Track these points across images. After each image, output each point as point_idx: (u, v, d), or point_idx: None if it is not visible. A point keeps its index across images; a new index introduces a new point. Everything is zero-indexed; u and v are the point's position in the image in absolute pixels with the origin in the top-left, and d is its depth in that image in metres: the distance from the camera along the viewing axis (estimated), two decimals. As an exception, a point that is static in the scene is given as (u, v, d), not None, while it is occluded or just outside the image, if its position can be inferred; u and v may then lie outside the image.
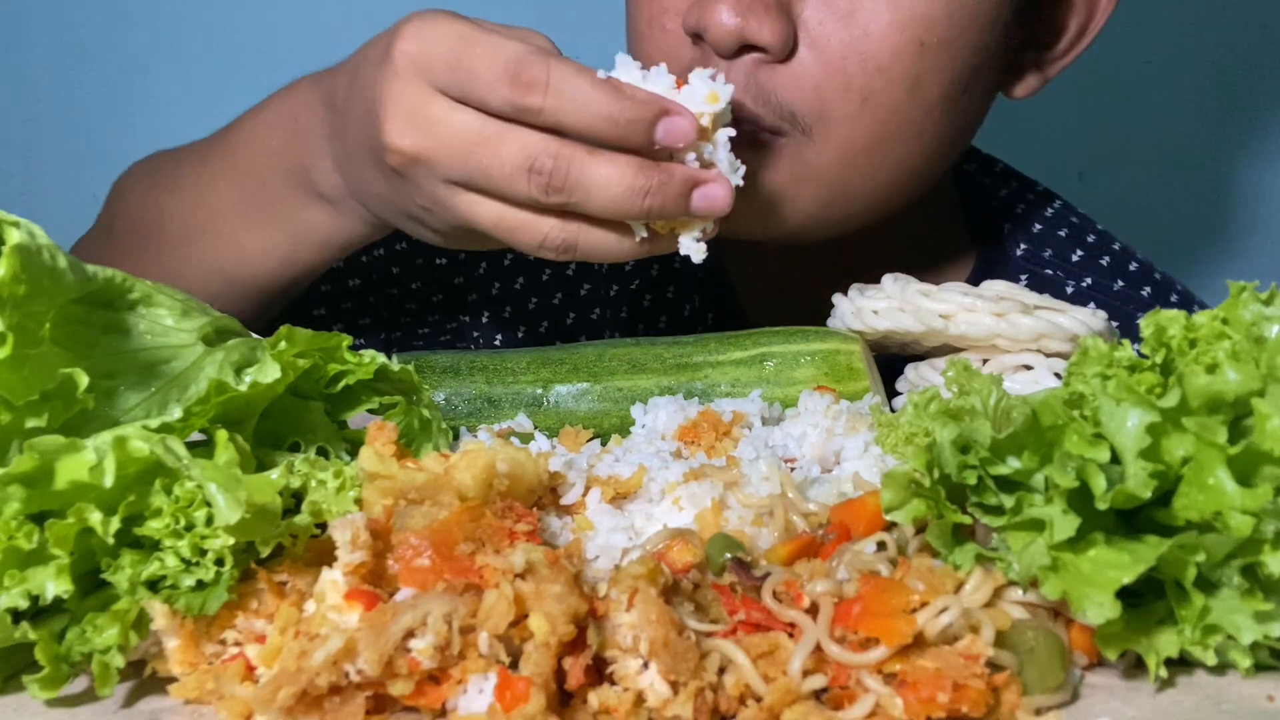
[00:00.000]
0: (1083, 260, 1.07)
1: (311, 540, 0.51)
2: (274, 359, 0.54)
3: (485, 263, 1.12)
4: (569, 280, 1.12)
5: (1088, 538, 0.45)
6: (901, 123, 0.85)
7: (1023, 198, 1.11)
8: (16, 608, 0.46)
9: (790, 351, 0.77)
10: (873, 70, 0.82)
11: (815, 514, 0.56)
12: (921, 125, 0.86)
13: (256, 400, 0.54)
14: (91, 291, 0.52)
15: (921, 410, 0.61)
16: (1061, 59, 0.98)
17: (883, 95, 0.83)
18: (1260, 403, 0.44)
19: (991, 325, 0.74)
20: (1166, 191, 1.65)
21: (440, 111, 0.70)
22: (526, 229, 0.72)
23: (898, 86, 0.83)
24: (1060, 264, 1.06)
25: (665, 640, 0.44)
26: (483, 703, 0.43)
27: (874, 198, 0.90)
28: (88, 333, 0.52)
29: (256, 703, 0.43)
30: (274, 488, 0.49)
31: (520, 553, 0.46)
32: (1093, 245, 1.08)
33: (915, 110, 0.85)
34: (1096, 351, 0.54)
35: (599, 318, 1.11)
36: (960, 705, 0.43)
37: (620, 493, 0.58)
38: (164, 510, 0.47)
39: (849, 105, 0.83)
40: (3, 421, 0.48)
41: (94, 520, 0.46)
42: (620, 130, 0.68)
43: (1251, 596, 0.46)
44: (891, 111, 0.84)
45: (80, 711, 0.47)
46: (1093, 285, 1.04)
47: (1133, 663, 0.48)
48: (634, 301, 1.11)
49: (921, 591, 0.47)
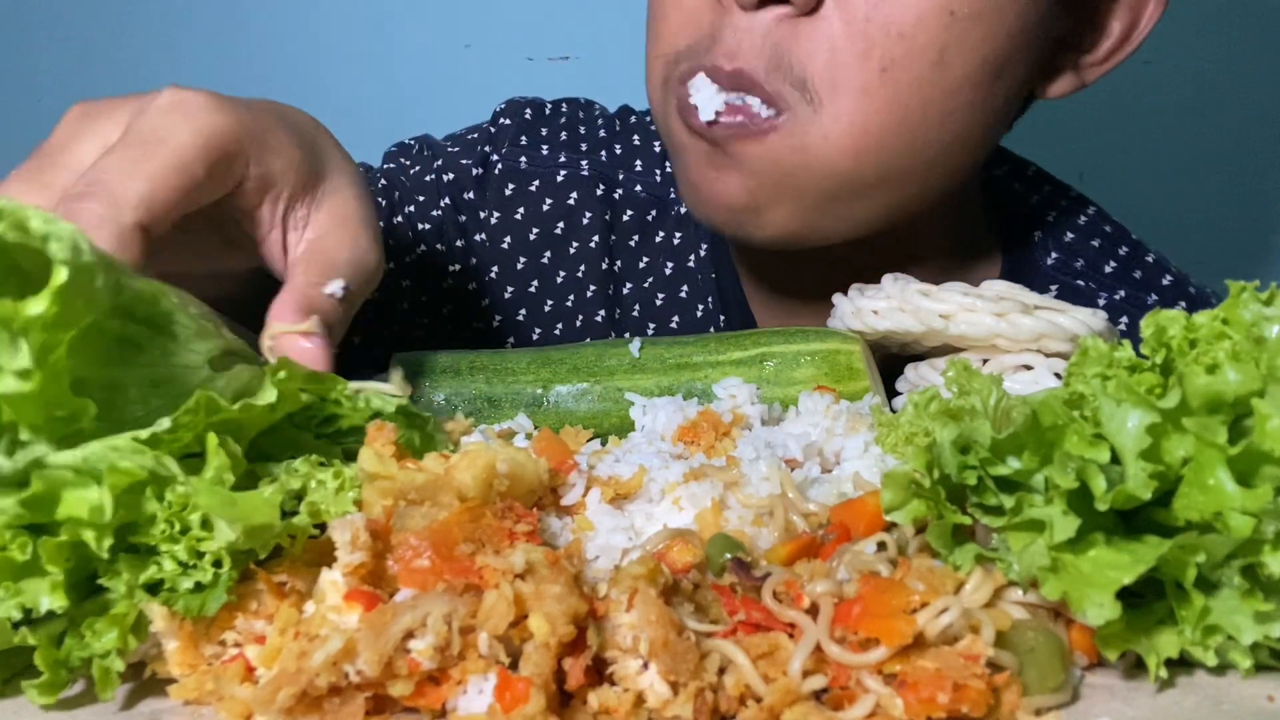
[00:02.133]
0: (1116, 272, 1.02)
1: (311, 541, 0.51)
2: (273, 385, 0.53)
3: (496, 268, 1.12)
4: (578, 281, 1.12)
5: (1088, 538, 0.45)
6: (923, 103, 0.80)
7: (1055, 204, 1.07)
8: (11, 619, 0.46)
9: (790, 351, 0.77)
10: (894, 36, 0.77)
11: (815, 514, 0.56)
12: (945, 110, 0.81)
13: (249, 424, 0.53)
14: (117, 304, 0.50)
15: (921, 410, 0.61)
16: (1102, 64, 0.92)
17: (904, 67, 0.78)
18: (1260, 403, 0.44)
19: (991, 325, 0.74)
20: (1166, 192, 1.65)
21: None
22: None
23: (921, 58, 0.78)
24: (1093, 275, 1.02)
25: (665, 641, 0.44)
26: (483, 703, 0.43)
27: (886, 196, 0.85)
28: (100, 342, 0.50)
29: (256, 703, 0.43)
30: (273, 506, 0.48)
31: (520, 553, 0.46)
32: (1126, 257, 1.03)
33: (939, 90, 0.79)
34: (1096, 352, 0.54)
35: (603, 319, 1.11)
36: (960, 705, 0.43)
37: (620, 493, 0.58)
38: (158, 517, 0.47)
39: (866, 74, 0.78)
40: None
41: (88, 537, 0.46)
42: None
43: (1252, 597, 0.46)
44: (912, 88, 0.79)
45: (80, 713, 0.47)
46: (1126, 298, 1.00)
47: (1133, 663, 0.48)
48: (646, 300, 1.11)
49: (921, 592, 0.47)
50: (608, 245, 1.12)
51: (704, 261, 1.10)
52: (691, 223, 1.11)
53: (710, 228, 0.93)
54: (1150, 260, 1.04)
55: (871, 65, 0.78)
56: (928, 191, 0.89)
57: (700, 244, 1.11)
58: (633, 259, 1.12)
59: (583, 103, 1.18)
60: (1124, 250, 1.04)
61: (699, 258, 1.11)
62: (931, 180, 0.88)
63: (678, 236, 1.12)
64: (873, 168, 0.82)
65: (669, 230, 1.12)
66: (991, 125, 0.89)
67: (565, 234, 1.12)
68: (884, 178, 0.84)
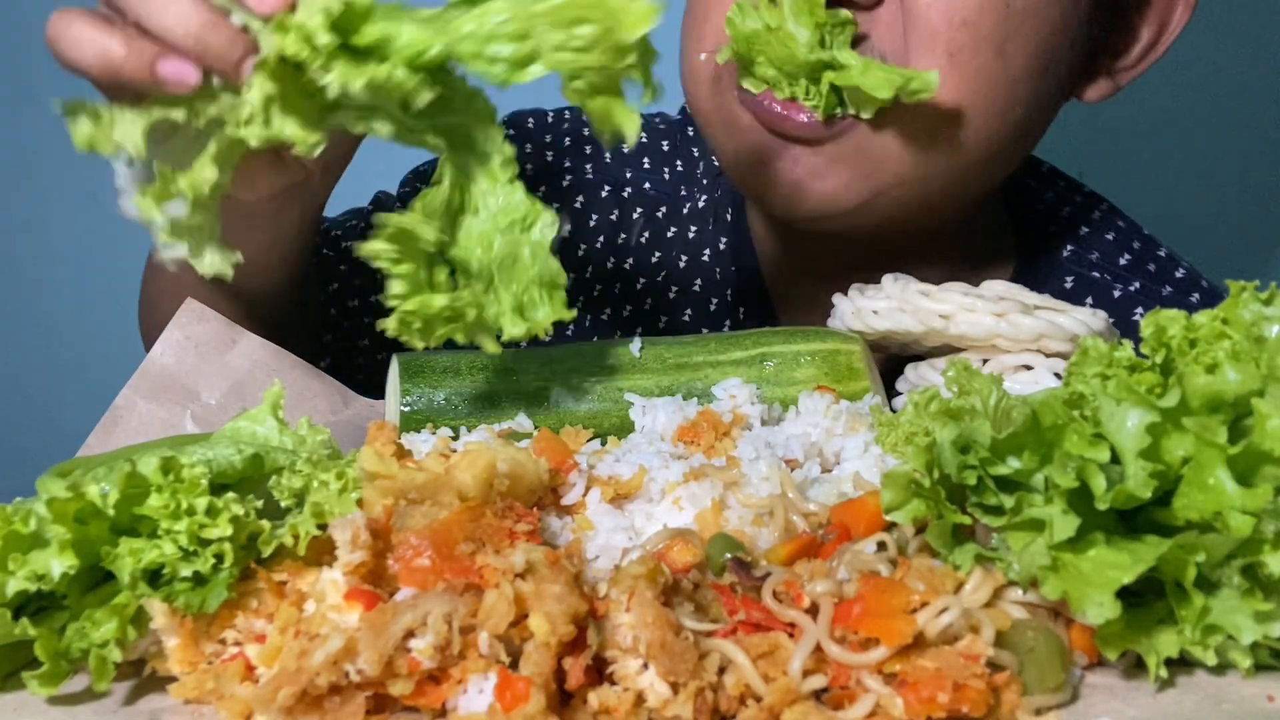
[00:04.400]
0: (1130, 264, 1.05)
1: (312, 540, 0.51)
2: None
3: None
4: (585, 282, 1.12)
5: (1088, 538, 0.45)
6: (988, 92, 0.82)
7: (1070, 200, 1.10)
8: (25, 591, 0.47)
9: (790, 351, 0.76)
10: (958, 24, 0.79)
11: (815, 514, 0.56)
12: (1007, 101, 0.83)
13: None
14: None
15: (921, 410, 0.61)
16: (1133, 68, 0.95)
17: (971, 54, 0.80)
18: (1260, 403, 0.44)
19: (991, 325, 0.74)
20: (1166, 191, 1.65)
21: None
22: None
23: (986, 45, 0.80)
24: (1108, 267, 1.04)
25: (662, 642, 0.44)
26: (483, 703, 0.43)
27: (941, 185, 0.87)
28: None
29: (256, 702, 0.43)
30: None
31: (520, 553, 0.46)
32: (1140, 250, 1.06)
33: (1000, 80, 0.82)
34: (1096, 351, 0.54)
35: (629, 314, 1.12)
36: (960, 705, 0.43)
37: (620, 493, 0.58)
38: (163, 488, 0.48)
39: (936, 59, 0.80)
40: None
41: (93, 494, 0.46)
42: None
43: (1251, 596, 0.46)
44: (979, 75, 0.81)
45: (80, 710, 0.47)
46: (1140, 290, 1.02)
47: (1133, 663, 0.48)
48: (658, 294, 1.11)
49: (921, 592, 0.47)
50: (614, 244, 1.12)
51: (723, 255, 1.11)
52: (707, 218, 1.12)
53: (790, 220, 0.92)
54: (1163, 254, 1.06)
55: (939, 51, 0.80)
56: (985, 180, 0.91)
57: (720, 238, 1.11)
58: (644, 255, 1.12)
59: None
60: (1137, 245, 1.06)
61: (716, 252, 1.11)
62: (990, 170, 0.90)
63: (692, 230, 1.12)
64: (941, 155, 0.84)
65: (681, 225, 1.13)
66: (1041, 123, 0.91)
67: (572, 238, 1.12)
68: (949, 167, 0.85)
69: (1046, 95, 0.88)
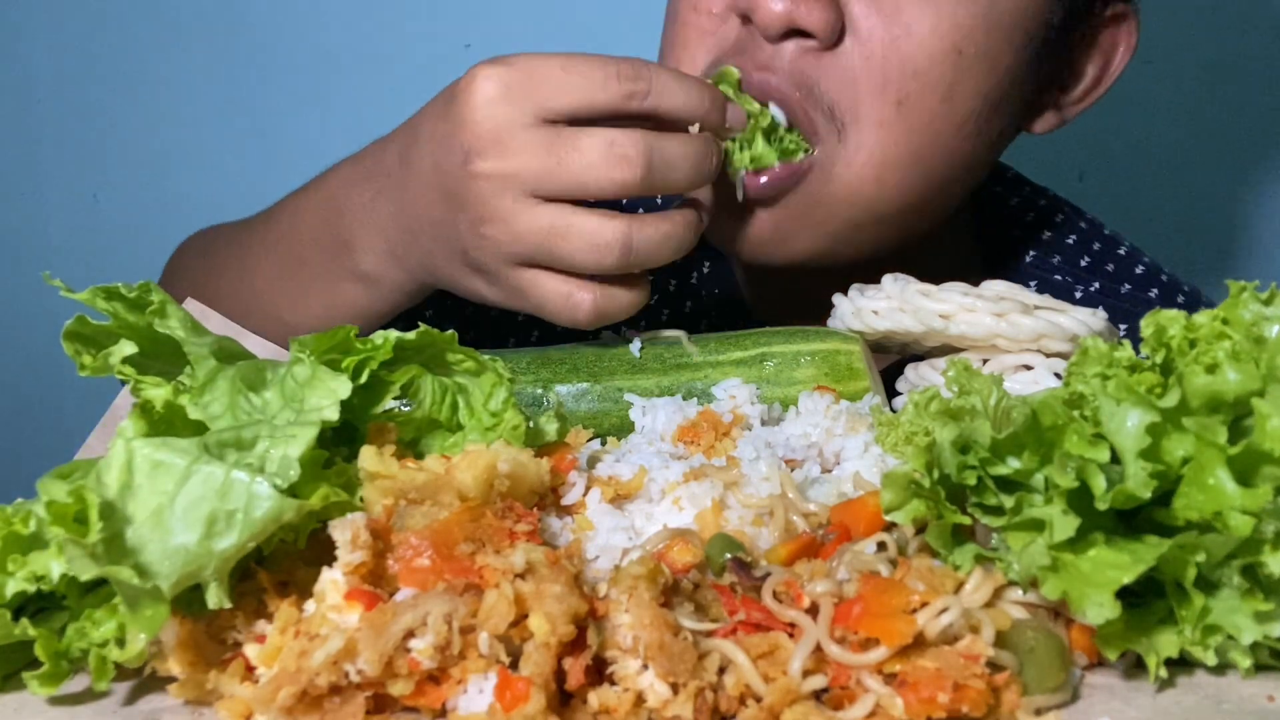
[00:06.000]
0: (1090, 265, 1.07)
1: (311, 540, 0.51)
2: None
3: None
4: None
5: (1088, 538, 0.45)
6: (934, 136, 0.85)
7: (1033, 205, 1.12)
8: (25, 592, 0.47)
9: (790, 351, 0.77)
10: (909, 73, 0.82)
11: (815, 514, 0.56)
12: (953, 142, 0.87)
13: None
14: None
15: (921, 410, 0.61)
16: (1079, 103, 0.99)
17: (917, 101, 0.83)
18: (1260, 403, 0.44)
19: (991, 325, 0.74)
20: (1166, 191, 1.65)
21: (523, 128, 0.72)
22: (585, 227, 0.73)
23: (932, 93, 0.84)
24: (1068, 269, 1.07)
25: (661, 643, 0.44)
26: (483, 703, 0.43)
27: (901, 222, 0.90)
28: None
29: (256, 703, 0.43)
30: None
31: (520, 553, 0.46)
32: (1100, 251, 1.09)
33: (947, 124, 0.85)
34: (1096, 351, 0.54)
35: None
36: (960, 705, 0.43)
37: (620, 493, 0.58)
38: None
39: (884, 108, 0.83)
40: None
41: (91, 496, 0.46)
42: (705, 112, 0.76)
43: (1251, 596, 0.46)
44: (925, 121, 0.84)
45: (80, 711, 0.47)
46: (1100, 289, 1.05)
47: (1133, 663, 0.48)
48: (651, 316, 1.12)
49: (921, 592, 0.47)
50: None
51: (707, 278, 1.12)
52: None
53: (726, 253, 0.95)
54: (1122, 253, 1.09)
55: (889, 99, 0.83)
56: (936, 214, 0.94)
57: (704, 261, 1.12)
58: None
59: None
60: (1097, 245, 1.09)
61: (702, 274, 1.12)
62: (939, 205, 0.93)
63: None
64: (892, 196, 0.87)
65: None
66: (991, 157, 0.95)
67: None
68: (901, 206, 0.88)
69: (996, 133, 0.91)
